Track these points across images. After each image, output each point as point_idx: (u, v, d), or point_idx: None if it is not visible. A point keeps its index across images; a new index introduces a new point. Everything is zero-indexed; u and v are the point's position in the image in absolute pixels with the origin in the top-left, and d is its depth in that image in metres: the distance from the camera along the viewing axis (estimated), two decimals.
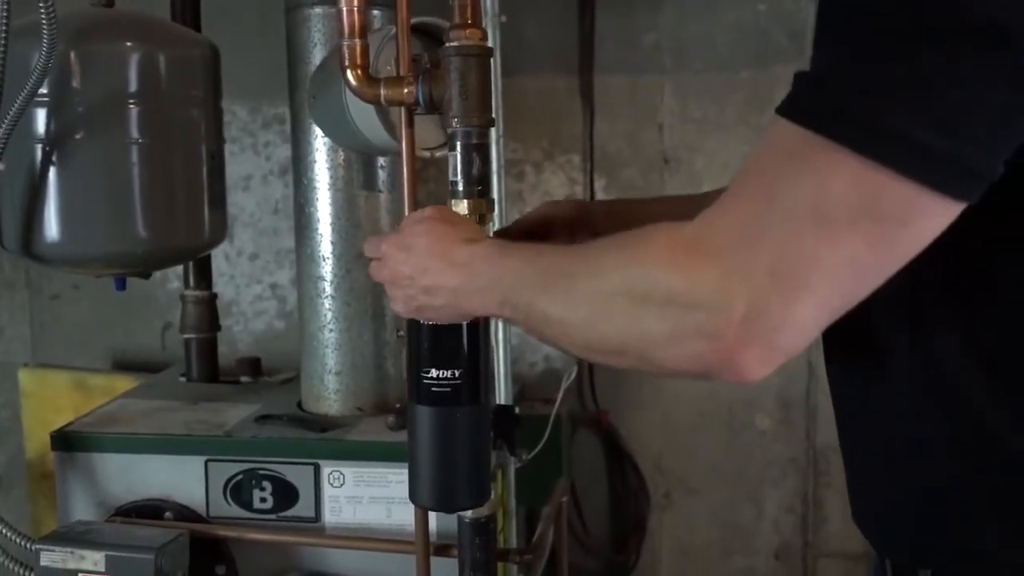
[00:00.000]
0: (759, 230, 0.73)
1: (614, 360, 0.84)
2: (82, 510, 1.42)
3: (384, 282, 1.00)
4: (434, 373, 1.00)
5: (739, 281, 0.73)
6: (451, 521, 1.26)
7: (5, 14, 1.27)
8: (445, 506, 1.12)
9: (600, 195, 2.20)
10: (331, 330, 1.50)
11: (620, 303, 0.79)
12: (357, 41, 1.11)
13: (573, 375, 1.40)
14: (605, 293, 0.80)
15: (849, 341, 0.86)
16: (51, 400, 2.15)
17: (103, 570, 1.27)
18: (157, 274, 1.84)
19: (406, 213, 1.15)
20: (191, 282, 1.80)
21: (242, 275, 2.27)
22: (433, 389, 1.01)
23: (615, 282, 0.80)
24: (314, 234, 1.50)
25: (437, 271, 0.94)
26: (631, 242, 0.81)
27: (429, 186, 1.27)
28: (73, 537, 1.31)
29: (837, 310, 0.74)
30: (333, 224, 1.49)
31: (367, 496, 1.37)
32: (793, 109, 0.75)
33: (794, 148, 0.73)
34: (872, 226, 0.72)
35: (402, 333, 1.12)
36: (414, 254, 0.96)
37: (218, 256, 2.11)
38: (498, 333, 1.40)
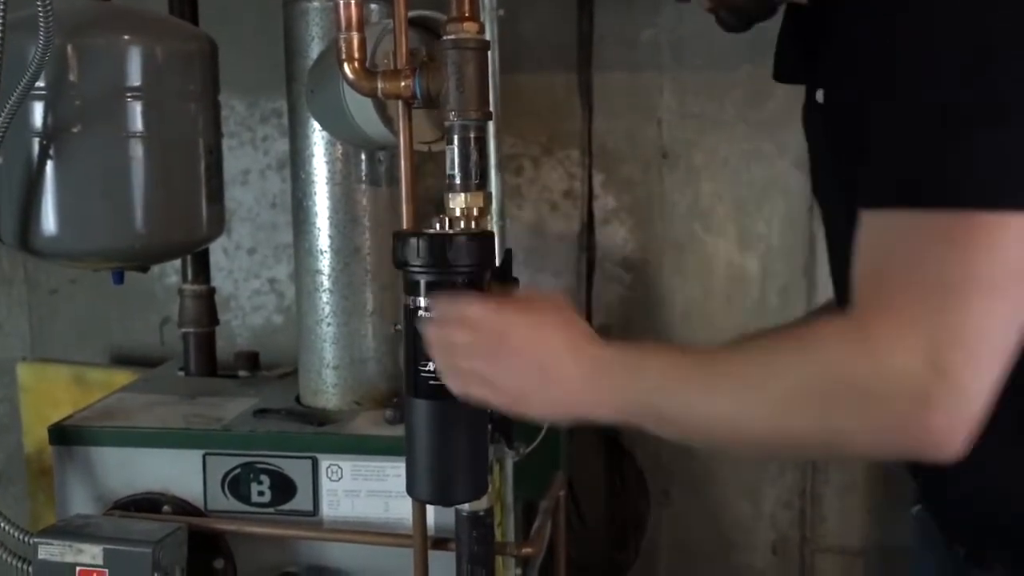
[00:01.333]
0: (931, 311, 0.76)
1: (795, 453, 0.85)
2: (80, 504, 1.42)
3: (487, 355, 0.92)
4: (431, 366, 1.00)
5: (935, 365, 0.75)
6: (449, 515, 1.26)
7: (2, 7, 1.26)
8: (443, 499, 1.12)
9: (599, 191, 2.20)
10: (329, 324, 1.50)
11: (806, 402, 0.80)
12: (354, 34, 1.11)
13: None
14: (787, 393, 0.81)
15: None
16: (49, 394, 2.15)
17: (101, 563, 1.27)
18: (155, 268, 1.84)
19: (404, 208, 1.15)
20: (189, 276, 1.80)
21: (240, 270, 2.27)
22: (430, 382, 1.01)
23: (796, 381, 0.80)
24: (312, 228, 1.50)
25: (569, 358, 0.89)
26: (800, 339, 0.83)
27: (427, 181, 1.27)
28: (71, 531, 1.31)
29: (1009, 363, 0.78)
30: (331, 218, 1.49)
31: (365, 490, 1.37)
32: (903, 197, 0.78)
33: (925, 231, 0.77)
34: None
35: (399, 327, 1.12)
36: (546, 327, 0.91)
37: (216, 251, 2.11)
38: None
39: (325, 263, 1.49)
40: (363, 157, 1.48)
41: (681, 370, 0.87)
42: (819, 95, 0.97)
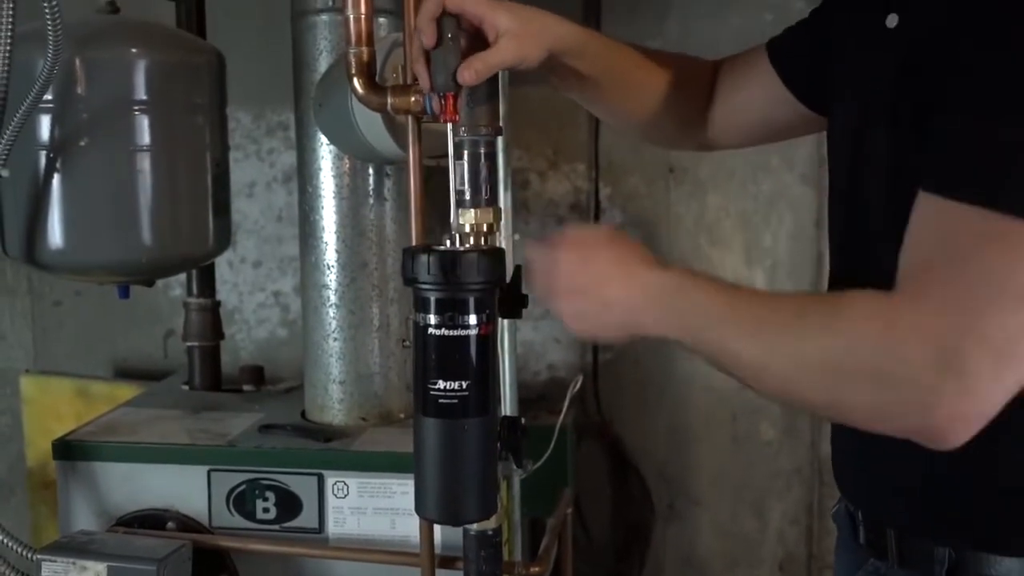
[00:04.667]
0: (969, 311, 0.78)
1: (809, 408, 0.89)
2: (84, 519, 1.41)
3: (550, 290, 0.96)
4: (441, 384, 0.99)
5: (952, 361, 0.77)
6: (456, 533, 1.25)
7: (10, 20, 1.26)
8: (451, 519, 1.10)
9: (605, 204, 2.19)
10: (335, 339, 1.49)
11: (823, 371, 0.83)
12: (364, 49, 1.10)
13: (578, 385, 1.39)
14: (808, 357, 0.84)
15: None
16: (52, 407, 2.14)
17: None
18: (160, 281, 1.83)
19: (413, 221, 1.14)
20: (194, 290, 1.80)
21: (245, 283, 2.26)
22: (440, 401, 0.99)
23: (817, 349, 0.83)
24: (319, 242, 1.49)
25: (620, 284, 0.92)
26: (832, 308, 0.85)
27: (433, 196, 1.26)
28: (75, 547, 1.30)
29: None
30: (338, 232, 1.48)
31: (371, 507, 1.36)
32: (969, 191, 0.79)
33: (983, 229, 0.78)
34: None
35: (407, 343, 1.11)
36: (594, 264, 0.94)
37: (221, 264, 2.10)
38: (503, 342, 1.38)
39: (332, 278, 1.49)
40: (371, 171, 1.48)
41: (725, 308, 0.89)
42: (891, 20, 0.94)
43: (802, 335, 0.84)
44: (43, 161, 1.37)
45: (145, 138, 1.39)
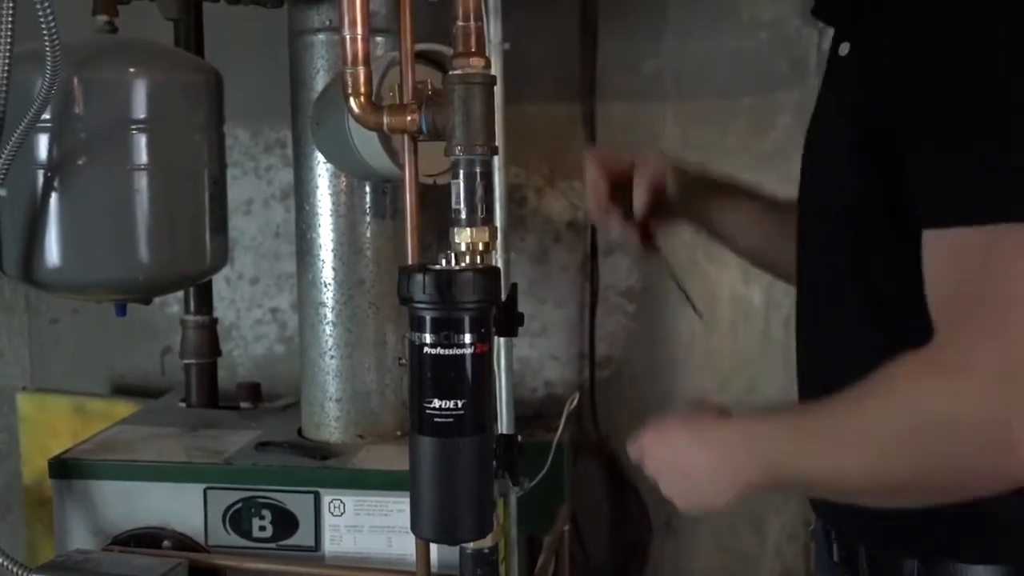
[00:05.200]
0: (1010, 335, 0.76)
1: (910, 496, 0.85)
2: (80, 538, 1.41)
3: (652, 475, 1.02)
4: (437, 403, 0.99)
5: (1015, 389, 0.75)
6: (453, 551, 1.25)
7: (9, 40, 1.27)
8: (447, 538, 1.10)
9: None
10: (332, 356, 1.49)
11: (900, 446, 0.81)
12: (360, 68, 1.11)
13: (575, 401, 1.39)
14: (881, 441, 0.82)
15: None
16: (49, 425, 2.14)
17: None
18: (157, 298, 1.84)
19: (409, 240, 1.15)
20: (191, 307, 1.80)
21: (242, 299, 2.26)
22: (436, 420, 1.00)
23: (886, 429, 0.81)
24: (316, 260, 1.50)
25: (697, 451, 0.96)
26: (882, 386, 0.82)
27: (429, 212, 1.27)
28: (71, 566, 1.30)
29: None
30: (335, 250, 1.48)
31: (368, 525, 1.36)
32: (969, 213, 0.78)
33: (992, 249, 0.77)
34: None
35: (404, 361, 1.12)
36: (673, 441, 0.99)
37: (218, 280, 2.10)
38: (500, 360, 1.39)
39: (329, 295, 1.49)
40: (368, 189, 1.48)
41: (788, 435, 0.90)
42: (843, 48, 0.95)
43: (869, 422, 0.82)
44: (41, 180, 1.37)
45: (143, 157, 1.39)
